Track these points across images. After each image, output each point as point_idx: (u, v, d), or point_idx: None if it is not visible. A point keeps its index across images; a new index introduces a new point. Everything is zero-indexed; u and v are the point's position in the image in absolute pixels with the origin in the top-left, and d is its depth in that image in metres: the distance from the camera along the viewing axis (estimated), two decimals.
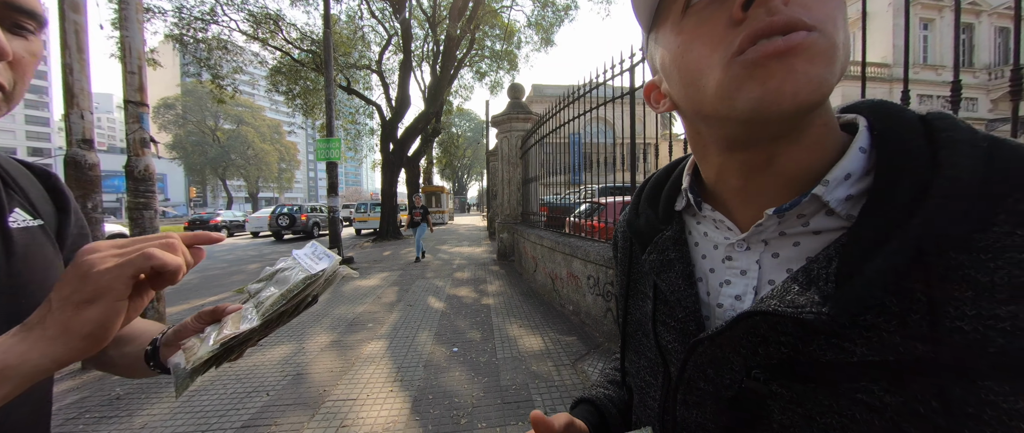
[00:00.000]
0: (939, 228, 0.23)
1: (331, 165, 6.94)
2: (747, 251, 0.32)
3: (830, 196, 0.27)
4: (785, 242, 0.30)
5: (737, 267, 0.33)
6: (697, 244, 0.37)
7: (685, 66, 0.29)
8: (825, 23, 0.25)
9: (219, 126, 40.09)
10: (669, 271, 0.37)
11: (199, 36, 10.94)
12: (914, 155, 0.25)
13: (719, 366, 0.31)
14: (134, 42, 3.23)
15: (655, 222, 0.40)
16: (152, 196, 3.36)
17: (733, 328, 0.29)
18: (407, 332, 3.35)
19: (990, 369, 0.21)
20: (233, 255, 10.04)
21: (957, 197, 0.23)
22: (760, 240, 0.32)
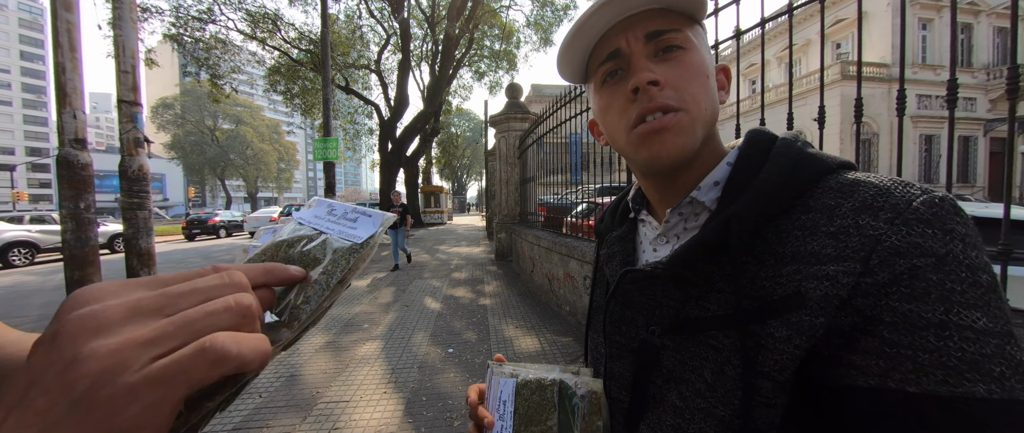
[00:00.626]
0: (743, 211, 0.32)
1: (329, 165, 6.92)
2: (666, 243, 0.41)
3: (704, 197, 0.37)
4: (688, 235, 0.39)
5: (659, 255, 0.41)
6: (640, 242, 0.46)
7: (605, 124, 0.40)
8: (688, 103, 0.35)
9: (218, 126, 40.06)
10: (612, 261, 0.46)
11: (197, 35, 10.92)
12: (750, 167, 0.35)
13: (628, 324, 0.41)
14: (128, 41, 3.21)
15: (610, 225, 0.50)
16: (146, 196, 3.33)
17: (619, 286, 0.41)
18: (403, 333, 3.34)
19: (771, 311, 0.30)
20: (230, 255, 10.01)
21: (759, 194, 0.32)
22: (673, 234, 0.40)
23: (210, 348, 0.17)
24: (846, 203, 0.30)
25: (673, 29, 0.36)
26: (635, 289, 0.41)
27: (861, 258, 0.27)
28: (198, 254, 10.33)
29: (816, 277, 0.28)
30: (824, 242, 0.29)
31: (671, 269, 0.35)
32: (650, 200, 0.45)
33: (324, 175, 6.97)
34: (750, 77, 21.32)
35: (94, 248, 3.04)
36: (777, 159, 0.34)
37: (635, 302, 0.41)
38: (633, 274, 0.39)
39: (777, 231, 0.32)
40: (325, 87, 6.96)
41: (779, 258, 0.31)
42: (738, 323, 0.31)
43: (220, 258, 9.53)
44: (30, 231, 8.71)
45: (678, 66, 0.36)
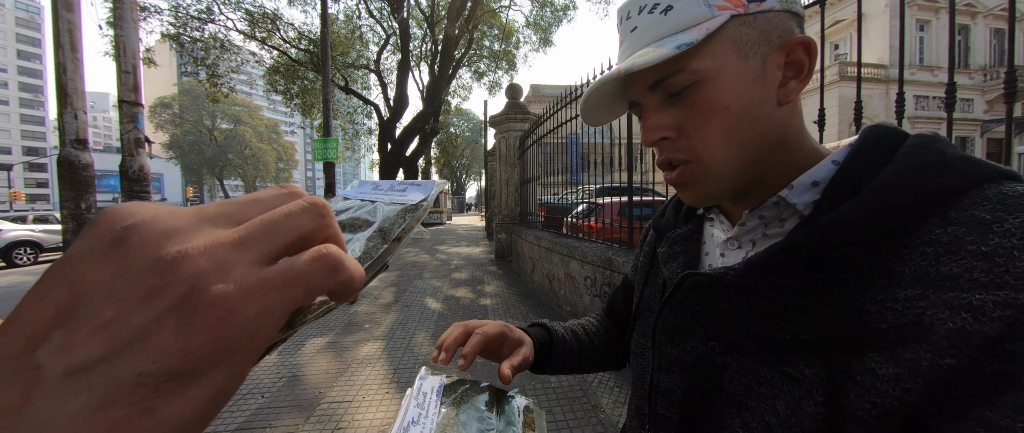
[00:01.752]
0: (852, 217, 0.26)
1: (328, 165, 6.92)
2: (737, 249, 0.37)
3: (796, 199, 0.31)
4: (767, 242, 0.34)
5: (728, 262, 0.37)
6: (705, 243, 0.42)
7: None
8: (698, 151, 0.33)
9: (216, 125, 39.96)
10: (673, 262, 0.42)
11: (195, 35, 10.89)
12: (866, 167, 0.29)
13: (683, 334, 0.37)
14: (128, 41, 3.21)
15: (673, 221, 0.46)
16: (147, 196, 3.34)
17: (677, 290, 0.37)
18: (404, 333, 3.34)
19: (874, 342, 0.24)
20: None
21: (876, 198, 0.26)
22: (748, 239, 0.36)
23: (328, 254, 0.15)
24: (1011, 219, 0.23)
25: (674, 72, 0.31)
26: (696, 296, 0.36)
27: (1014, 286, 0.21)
28: None
29: (950, 306, 0.22)
30: (970, 264, 0.22)
31: (745, 278, 0.30)
32: (724, 204, 0.40)
33: (324, 175, 6.97)
34: None
35: None
36: (907, 159, 0.27)
37: (695, 311, 0.36)
38: (696, 279, 0.35)
39: (895, 246, 0.25)
40: (325, 88, 6.96)
41: (895, 279, 0.25)
42: (827, 352, 0.26)
43: None
44: (33, 231, 8.74)
45: (690, 110, 0.32)
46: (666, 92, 0.33)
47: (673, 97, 0.33)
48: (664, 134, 0.33)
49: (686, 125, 0.32)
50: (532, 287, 4.87)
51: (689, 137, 0.32)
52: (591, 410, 2.08)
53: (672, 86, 0.32)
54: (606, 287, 2.89)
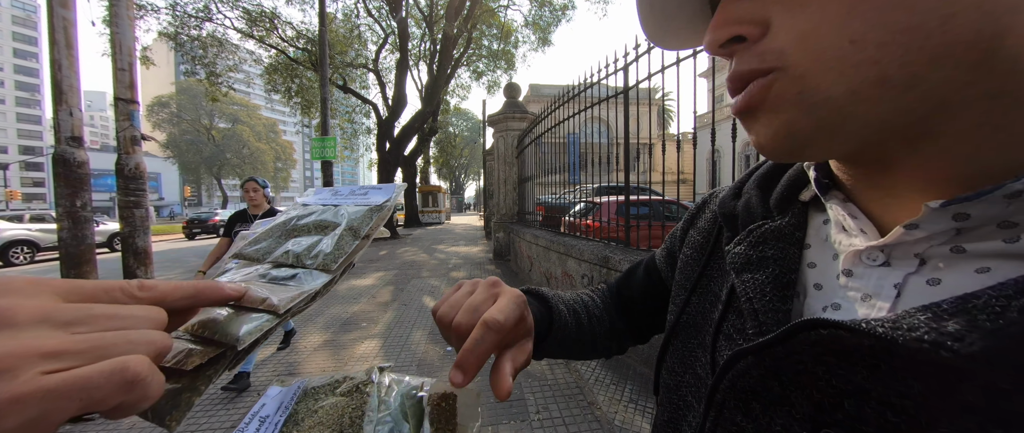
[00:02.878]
0: None
1: (326, 164, 6.91)
2: (882, 267, 0.21)
3: None
4: (961, 263, 0.19)
5: (859, 289, 0.22)
6: (809, 246, 0.27)
7: None
8: (791, 52, 0.19)
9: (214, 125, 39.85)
10: (756, 271, 0.26)
11: (193, 33, 10.86)
12: None
13: (773, 405, 0.21)
14: (124, 39, 3.20)
15: (758, 208, 0.30)
16: (143, 195, 3.32)
17: (787, 342, 0.20)
18: (401, 331, 3.34)
19: None
20: None
21: None
22: (912, 253, 0.20)
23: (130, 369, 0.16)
24: None
25: None
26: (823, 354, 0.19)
27: None
28: (195, 254, 10.28)
29: None
30: None
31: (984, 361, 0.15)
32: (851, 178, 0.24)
33: (322, 174, 6.96)
34: None
35: (90, 246, 3.02)
36: None
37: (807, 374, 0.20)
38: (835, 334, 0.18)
39: None
40: (323, 87, 6.96)
41: None
42: None
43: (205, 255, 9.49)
44: (30, 229, 8.75)
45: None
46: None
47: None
48: (738, 30, 0.20)
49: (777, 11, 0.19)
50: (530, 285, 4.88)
51: (779, 30, 0.19)
52: (587, 407, 2.08)
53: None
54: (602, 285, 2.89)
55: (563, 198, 5.27)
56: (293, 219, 0.33)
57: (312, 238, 0.31)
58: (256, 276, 0.28)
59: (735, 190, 0.33)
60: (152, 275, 3.34)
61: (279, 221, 0.34)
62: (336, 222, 0.32)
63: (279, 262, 0.30)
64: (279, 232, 0.32)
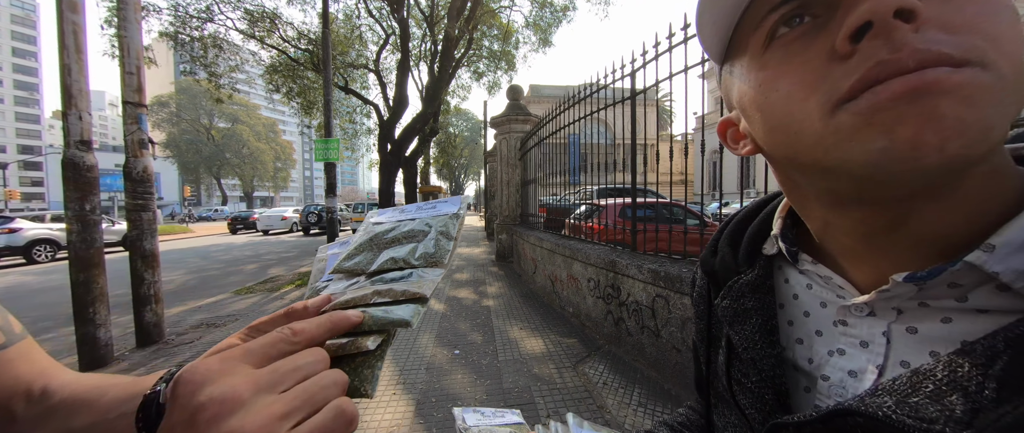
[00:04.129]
0: None
1: (329, 166, 6.91)
2: (869, 317, 0.25)
3: (1000, 266, 0.19)
4: (929, 315, 0.22)
5: (855, 336, 0.26)
6: (796, 296, 0.30)
7: (770, 109, 0.23)
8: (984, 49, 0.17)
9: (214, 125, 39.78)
10: (744, 324, 0.31)
11: (195, 34, 10.85)
12: None
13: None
14: (133, 42, 3.21)
15: (731, 263, 0.34)
16: (150, 198, 3.33)
17: (826, 423, 0.22)
18: (408, 334, 3.35)
19: None
20: (230, 255, 9.98)
21: None
22: (891, 307, 0.24)
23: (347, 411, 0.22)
24: None
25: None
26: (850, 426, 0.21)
27: None
28: (197, 254, 10.27)
29: None
30: None
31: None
32: (827, 240, 0.27)
33: (325, 176, 6.96)
34: None
35: (99, 250, 3.03)
36: None
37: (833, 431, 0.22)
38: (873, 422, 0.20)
39: None
40: (326, 89, 6.96)
41: None
42: None
43: (217, 258, 9.49)
44: (52, 229, 9.18)
45: None
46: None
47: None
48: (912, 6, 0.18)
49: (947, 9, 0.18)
50: (534, 288, 4.89)
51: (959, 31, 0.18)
52: (598, 411, 2.10)
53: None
54: (609, 289, 2.91)
55: (565, 199, 5.29)
56: (379, 234, 0.37)
57: (409, 245, 0.34)
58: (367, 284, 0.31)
59: (711, 249, 0.39)
60: (159, 278, 3.35)
61: (365, 238, 0.37)
62: (424, 230, 0.35)
63: (385, 269, 0.32)
64: (370, 246, 0.36)
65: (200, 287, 5.91)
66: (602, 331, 3.05)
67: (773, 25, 0.23)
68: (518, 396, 2.27)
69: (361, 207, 16.44)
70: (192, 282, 6.36)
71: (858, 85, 0.19)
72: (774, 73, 0.23)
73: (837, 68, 0.20)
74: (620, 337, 2.77)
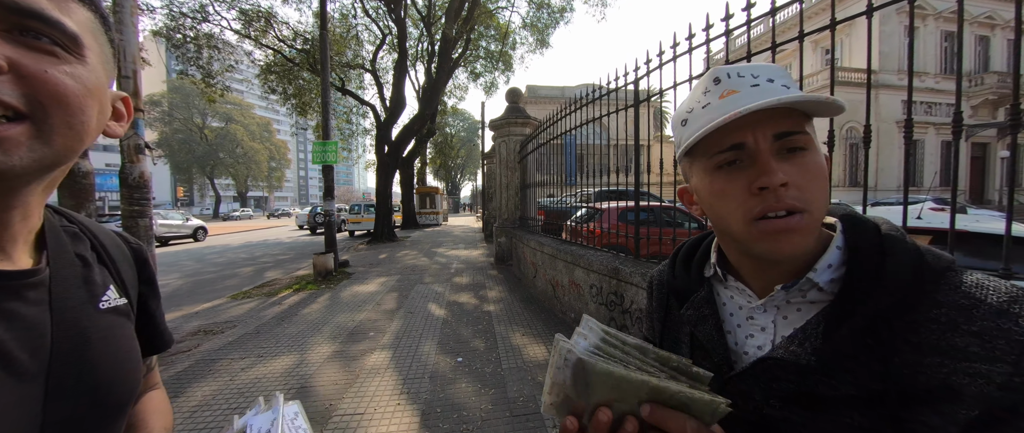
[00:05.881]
0: (883, 308, 0.36)
1: (327, 168, 6.86)
2: (764, 313, 0.44)
3: (819, 279, 0.39)
4: (791, 308, 0.42)
5: (758, 325, 0.44)
6: (725, 304, 0.48)
7: (716, 207, 0.42)
8: (812, 204, 0.37)
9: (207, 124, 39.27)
10: (704, 324, 0.47)
11: (189, 34, 10.70)
12: (871, 259, 0.38)
13: (745, 397, 0.41)
14: (129, 45, 3.16)
15: (690, 284, 0.51)
16: (147, 204, 3.28)
17: (754, 368, 0.41)
18: (410, 341, 3.34)
19: (920, 400, 0.33)
20: (224, 258, 9.87)
21: (894, 290, 0.36)
22: (773, 305, 0.43)
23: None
24: (982, 306, 0.33)
25: (800, 131, 0.37)
26: (759, 370, 0.41)
27: (1011, 360, 0.31)
28: (192, 256, 10.14)
29: (968, 374, 0.32)
30: (968, 340, 0.32)
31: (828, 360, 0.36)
32: (739, 269, 0.46)
33: (323, 178, 6.91)
34: None
35: None
36: (900, 254, 0.37)
37: (752, 375, 0.41)
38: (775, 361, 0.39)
39: (906, 322, 0.35)
40: (324, 92, 6.90)
41: (916, 348, 0.34)
42: (885, 407, 0.34)
43: (212, 261, 9.37)
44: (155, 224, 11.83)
45: (802, 168, 0.37)
46: (784, 146, 0.38)
47: (788, 152, 0.38)
48: (787, 180, 0.36)
49: (799, 181, 0.37)
50: (535, 292, 4.89)
51: (803, 191, 0.37)
52: None
53: (794, 142, 0.38)
54: (612, 296, 2.92)
55: (564, 201, 5.28)
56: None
57: None
58: None
59: (671, 273, 0.55)
60: None
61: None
62: None
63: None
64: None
65: (195, 292, 5.84)
66: None
67: (719, 162, 0.40)
68: (524, 405, 2.27)
69: (357, 208, 16.27)
70: (186, 287, 6.27)
71: (759, 213, 0.38)
72: (721, 189, 0.40)
73: (752, 199, 0.38)
74: None
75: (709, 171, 0.41)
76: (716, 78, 0.41)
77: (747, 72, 0.40)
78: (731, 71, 0.40)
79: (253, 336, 3.54)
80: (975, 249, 2.20)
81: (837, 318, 0.37)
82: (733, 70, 0.40)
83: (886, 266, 0.37)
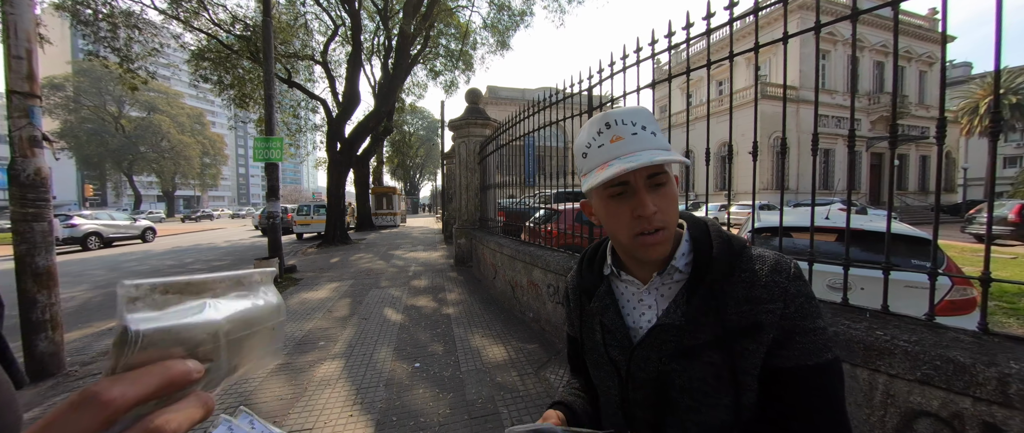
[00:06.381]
0: (717, 274, 0.54)
1: (271, 166, 6.36)
2: (648, 294, 0.59)
3: (678, 264, 0.57)
4: (665, 287, 0.58)
5: (646, 304, 0.59)
6: (622, 294, 0.63)
7: (609, 224, 0.56)
8: (669, 222, 0.54)
9: (124, 113, 34.62)
10: (608, 311, 0.62)
11: (102, 10, 9.37)
12: (705, 245, 0.56)
13: (645, 361, 0.56)
14: (22, 21, 2.71)
15: (594, 281, 0.65)
16: (45, 205, 2.84)
17: (649, 336, 0.56)
18: (364, 349, 3.20)
19: (743, 334, 0.51)
20: (146, 266, 8.77)
21: (719, 261, 0.54)
22: (653, 288, 0.59)
23: None
24: (763, 268, 0.54)
25: (662, 172, 0.54)
26: (658, 336, 0.56)
27: (782, 300, 0.52)
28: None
29: (764, 312, 0.51)
30: (760, 292, 0.52)
31: (686, 319, 0.53)
32: (627, 265, 0.62)
33: (266, 178, 6.39)
34: None
35: None
36: (718, 241, 0.57)
37: (651, 344, 0.56)
38: (662, 326, 0.55)
39: (728, 283, 0.54)
40: (267, 84, 6.39)
41: (736, 301, 0.52)
42: (726, 344, 0.51)
43: (132, 269, 8.29)
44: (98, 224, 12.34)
45: (665, 198, 0.53)
46: (653, 183, 0.53)
47: (655, 187, 0.53)
48: (656, 209, 0.52)
49: (662, 207, 0.53)
50: (494, 294, 4.91)
51: (665, 214, 0.53)
52: None
53: (658, 180, 0.53)
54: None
55: (524, 203, 5.36)
56: None
57: None
58: None
59: (579, 274, 0.69)
60: (56, 299, 2.86)
61: None
62: None
63: None
64: None
65: (109, 304, 5.13)
66: (562, 335, 3.15)
67: (612, 193, 0.54)
68: (482, 407, 2.27)
69: (306, 209, 15.21)
70: (98, 299, 5.50)
71: (638, 231, 0.53)
72: (612, 211, 0.55)
73: (633, 221, 0.53)
74: None
75: (604, 199, 0.55)
76: (607, 123, 0.54)
77: (627, 120, 0.53)
78: (616, 118, 0.54)
79: None
80: (869, 245, 2.56)
81: (692, 289, 0.54)
82: (617, 117, 0.54)
83: (713, 249, 0.55)
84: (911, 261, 2.39)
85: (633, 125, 0.53)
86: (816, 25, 1.49)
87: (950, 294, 2.14)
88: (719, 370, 0.51)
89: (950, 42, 25.05)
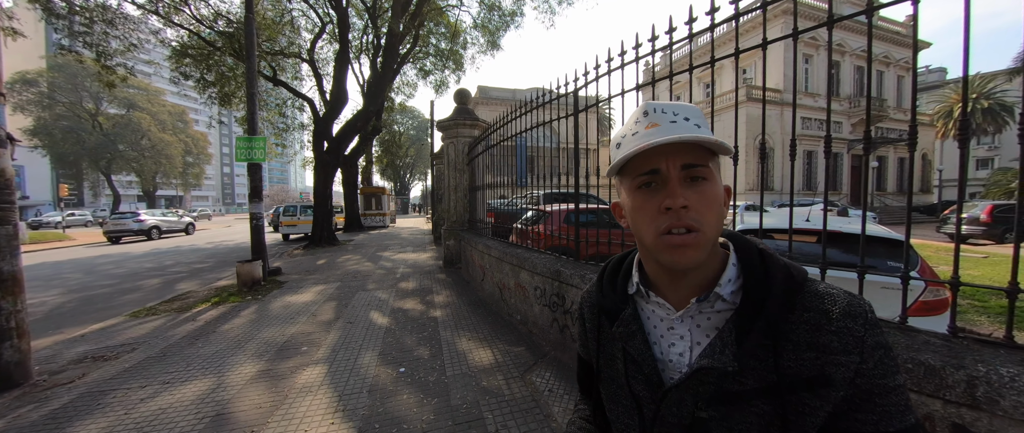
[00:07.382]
0: (776, 310, 0.44)
1: (254, 166, 6.21)
2: (681, 323, 0.50)
3: (723, 291, 0.47)
4: (702, 317, 0.49)
5: (677, 334, 0.50)
6: (648, 318, 0.54)
7: (634, 220, 0.49)
8: (705, 225, 0.45)
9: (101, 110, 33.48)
10: (634, 339, 0.52)
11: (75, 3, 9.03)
12: (758, 272, 0.47)
13: (680, 405, 0.48)
14: None
15: (618, 303, 0.56)
16: (10, 207, 2.71)
17: (689, 378, 0.47)
18: (348, 354, 3.14)
19: (803, 386, 0.42)
20: (124, 269, 8.49)
21: (779, 296, 0.45)
22: (688, 316, 0.49)
23: None
24: (834, 309, 0.44)
25: (702, 164, 0.45)
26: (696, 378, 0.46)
27: (858, 353, 0.42)
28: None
29: (834, 364, 0.42)
30: (830, 338, 0.43)
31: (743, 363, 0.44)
32: (657, 284, 0.53)
33: (249, 178, 6.24)
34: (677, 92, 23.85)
35: None
36: (776, 270, 0.47)
37: (689, 386, 0.47)
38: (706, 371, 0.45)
39: (787, 323, 0.44)
40: (250, 82, 6.25)
41: (796, 345, 0.43)
42: (779, 395, 0.43)
43: (108, 272, 8.00)
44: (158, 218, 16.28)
45: (702, 195, 0.45)
46: (689, 175, 0.45)
47: (692, 181, 0.45)
48: (687, 203, 0.44)
49: (697, 204, 0.44)
50: (483, 295, 4.88)
51: (700, 213, 0.44)
52: (544, 420, 2.16)
53: (696, 172, 0.45)
54: (555, 297, 3.01)
55: (513, 203, 5.34)
56: None
57: None
58: None
59: (599, 292, 0.60)
60: (22, 306, 2.73)
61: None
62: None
63: None
64: None
65: (82, 310, 4.94)
66: (548, 338, 3.14)
67: (640, 182, 0.47)
68: (467, 412, 2.25)
69: (292, 209, 14.93)
70: (71, 304, 5.29)
71: (665, 229, 0.45)
72: (639, 205, 0.47)
73: (660, 216, 0.45)
74: (565, 344, 2.88)
75: (631, 190, 0.48)
76: (645, 111, 0.48)
77: (669, 110, 0.47)
78: (657, 107, 0.47)
79: (157, 360, 3.09)
80: (848, 247, 2.62)
81: (744, 326, 0.45)
82: (659, 107, 0.47)
83: (769, 280, 0.46)
84: (887, 262, 2.45)
85: (674, 115, 0.46)
86: (794, 32, 1.51)
87: (924, 295, 2.19)
88: (768, 423, 0.43)
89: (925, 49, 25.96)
